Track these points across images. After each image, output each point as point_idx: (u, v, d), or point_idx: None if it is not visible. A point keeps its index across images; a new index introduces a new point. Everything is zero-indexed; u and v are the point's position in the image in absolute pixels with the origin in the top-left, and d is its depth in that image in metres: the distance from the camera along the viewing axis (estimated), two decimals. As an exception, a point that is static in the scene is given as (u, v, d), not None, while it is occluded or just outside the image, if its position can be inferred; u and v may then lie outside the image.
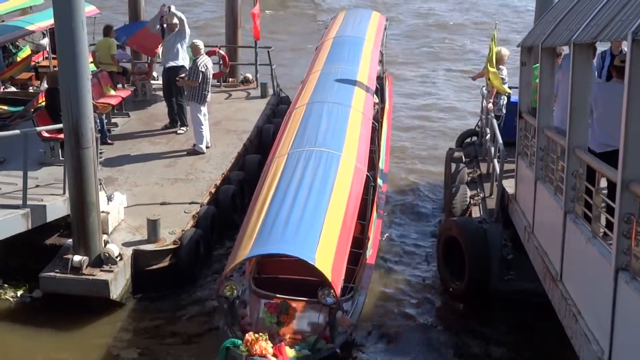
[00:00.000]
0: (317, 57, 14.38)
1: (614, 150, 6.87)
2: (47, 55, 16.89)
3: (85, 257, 9.31)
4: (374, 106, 13.66)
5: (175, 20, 14.28)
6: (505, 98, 13.28)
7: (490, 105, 13.31)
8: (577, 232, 6.78)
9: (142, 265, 9.80)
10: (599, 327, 5.83)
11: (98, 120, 11.61)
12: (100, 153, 11.25)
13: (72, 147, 9.31)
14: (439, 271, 10.80)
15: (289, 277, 9.02)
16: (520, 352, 9.05)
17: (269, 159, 9.84)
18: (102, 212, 9.77)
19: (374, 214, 10.95)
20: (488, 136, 12.80)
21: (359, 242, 10.08)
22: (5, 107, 14.48)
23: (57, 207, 9.75)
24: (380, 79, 15.73)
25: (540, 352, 8.84)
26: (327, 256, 7.92)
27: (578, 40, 6.96)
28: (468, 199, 11.80)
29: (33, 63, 17.02)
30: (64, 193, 9.81)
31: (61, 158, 10.66)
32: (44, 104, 12.86)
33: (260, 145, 14.38)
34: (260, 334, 7.26)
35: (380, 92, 15.41)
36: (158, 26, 14.74)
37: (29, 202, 9.30)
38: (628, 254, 5.33)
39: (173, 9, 14.39)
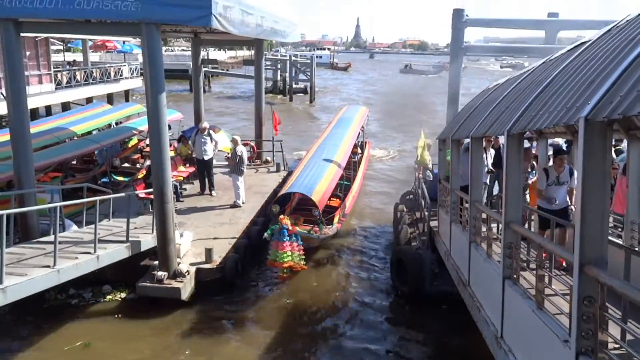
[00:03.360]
0: (328, 126, 18.04)
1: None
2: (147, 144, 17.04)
3: (165, 273, 9.36)
4: (357, 152, 17.63)
5: (205, 125, 14.12)
6: (429, 172, 13.54)
7: (421, 175, 13.59)
8: (477, 254, 6.87)
9: (201, 278, 9.79)
10: (494, 315, 5.90)
11: (174, 186, 11.75)
12: (176, 206, 11.33)
13: (159, 203, 9.45)
14: (392, 279, 10.79)
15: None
16: (443, 334, 9.02)
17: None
18: (177, 244, 9.82)
19: (352, 189, 14.96)
20: (420, 194, 13.01)
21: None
22: (121, 178, 14.60)
23: (148, 241, 9.77)
24: (362, 143, 19.45)
25: (456, 331, 8.78)
26: (317, 195, 11.46)
27: (474, 135, 7.18)
28: (409, 234, 11.87)
29: (139, 147, 17.20)
30: (153, 232, 9.85)
31: (151, 210, 10.76)
32: (141, 176, 12.98)
33: (277, 201, 14.42)
34: (287, 218, 10.54)
35: (361, 146, 19.07)
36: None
37: (130, 238, 9.34)
38: (510, 268, 5.47)
39: (207, 124, 14.28)
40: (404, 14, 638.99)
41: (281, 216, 10.62)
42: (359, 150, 18.44)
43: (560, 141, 10.93)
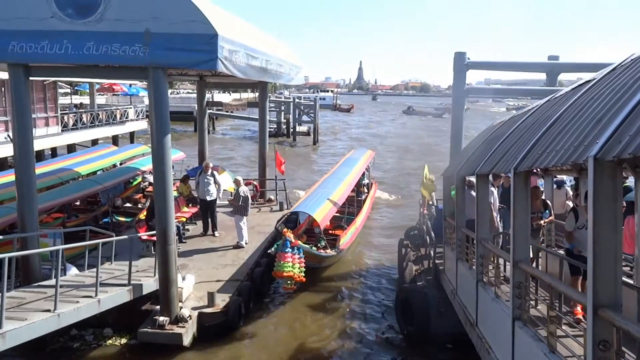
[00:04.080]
0: (335, 166, 19.51)
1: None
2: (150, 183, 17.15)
3: (167, 318, 9.19)
4: (363, 191, 18.84)
5: (208, 164, 14.18)
6: (434, 208, 13.52)
7: (425, 211, 13.56)
8: (485, 293, 6.77)
9: (204, 322, 9.61)
10: (504, 358, 5.74)
11: (177, 227, 11.70)
12: (178, 248, 11.27)
13: (161, 245, 9.39)
14: (397, 319, 10.59)
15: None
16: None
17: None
18: (179, 287, 9.70)
19: (356, 221, 15.62)
20: (425, 230, 12.94)
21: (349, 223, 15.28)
22: (122, 218, 14.58)
23: (150, 284, 9.67)
24: (369, 183, 20.37)
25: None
26: (319, 215, 12.36)
27: (479, 172, 7.18)
28: (414, 272, 11.75)
29: (142, 186, 17.23)
30: (155, 275, 9.75)
31: (153, 252, 10.70)
32: (143, 217, 12.98)
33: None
34: (290, 232, 11.29)
35: (368, 187, 19.89)
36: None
37: (132, 282, 9.25)
38: (520, 309, 5.36)
39: (210, 163, 14.34)
40: (406, 57, 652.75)
41: (284, 229, 11.34)
42: (365, 190, 19.35)
43: (565, 177, 10.91)
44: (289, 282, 10.89)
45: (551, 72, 15.25)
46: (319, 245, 12.60)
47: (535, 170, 8.75)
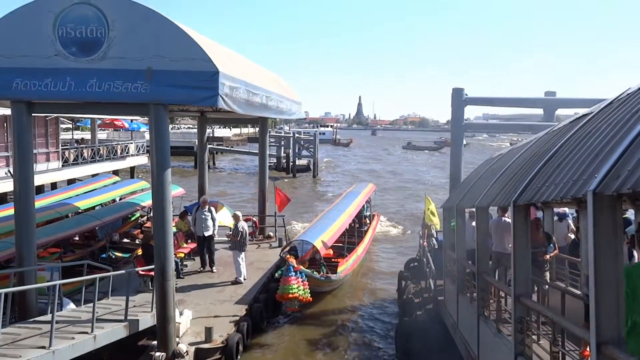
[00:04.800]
0: (337, 199, 20.51)
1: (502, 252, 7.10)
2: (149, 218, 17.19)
3: (164, 354, 9.04)
4: (366, 222, 19.96)
5: (206, 200, 14.11)
6: (434, 240, 13.50)
7: (425, 243, 13.54)
8: (486, 328, 6.70)
9: (201, 358, 9.44)
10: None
11: (175, 263, 11.63)
12: (176, 283, 11.17)
13: (159, 280, 9.31)
14: (397, 354, 10.38)
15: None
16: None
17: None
18: (176, 322, 9.57)
19: (357, 250, 16.32)
20: (425, 262, 12.88)
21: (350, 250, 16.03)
22: (119, 254, 14.50)
23: (147, 320, 9.53)
24: (371, 215, 21.30)
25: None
26: (319, 243, 13.41)
27: (479, 205, 7.20)
28: (414, 305, 11.62)
29: (140, 222, 17.19)
30: (152, 310, 9.63)
31: (151, 288, 10.61)
32: (140, 252, 12.91)
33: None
34: (293, 258, 12.29)
35: (370, 217, 20.96)
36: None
37: (129, 317, 9.12)
38: (522, 344, 5.30)
39: (207, 199, 14.29)
40: (405, 92, 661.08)
41: (288, 255, 12.47)
42: (367, 221, 20.41)
43: (567, 210, 10.87)
44: (295, 303, 11.87)
45: (548, 107, 15.47)
46: (320, 271, 13.42)
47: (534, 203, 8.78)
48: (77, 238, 14.88)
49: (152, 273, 9.91)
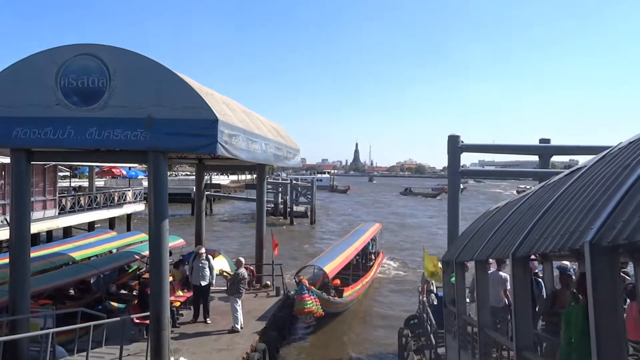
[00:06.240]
0: (346, 235, 23.49)
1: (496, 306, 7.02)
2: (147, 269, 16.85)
3: (157, 407, 8.84)
4: (372, 258, 22.49)
5: (202, 250, 13.85)
6: (434, 295, 13.31)
7: (425, 298, 13.34)
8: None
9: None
10: None
11: (171, 311, 11.44)
12: (172, 332, 10.97)
13: (154, 329, 9.18)
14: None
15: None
16: None
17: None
18: (171, 374, 9.41)
19: (363, 280, 18.87)
20: (425, 319, 12.66)
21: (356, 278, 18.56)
22: (115, 304, 14.22)
23: (141, 371, 9.37)
24: (376, 252, 23.75)
25: None
26: (329, 269, 15.89)
27: (477, 258, 7.15)
28: (415, 361, 11.38)
29: (137, 273, 16.99)
30: (146, 361, 9.48)
31: (145, 337, 10.41)
32: (136, 303, 12.70)
33: (276, 325, 14.05)
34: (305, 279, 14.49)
35: (375, 254, 23.29)
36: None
37: (122, 368, 8.98)
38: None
39: (203, 248, 14.13)
40: (401, 139, 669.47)
41: (301, 277, 14.63)
42: (373, 257, 22.85)
43: (568, 264, 10.81)
44: (309, 317, 14.38)
45: (543, 154, 15.65)
46: (329, 293, 15.52)
47: (534, 256, 8.74)
48: (71, 291, 14.52)
49: (147, 321, 9.76)
